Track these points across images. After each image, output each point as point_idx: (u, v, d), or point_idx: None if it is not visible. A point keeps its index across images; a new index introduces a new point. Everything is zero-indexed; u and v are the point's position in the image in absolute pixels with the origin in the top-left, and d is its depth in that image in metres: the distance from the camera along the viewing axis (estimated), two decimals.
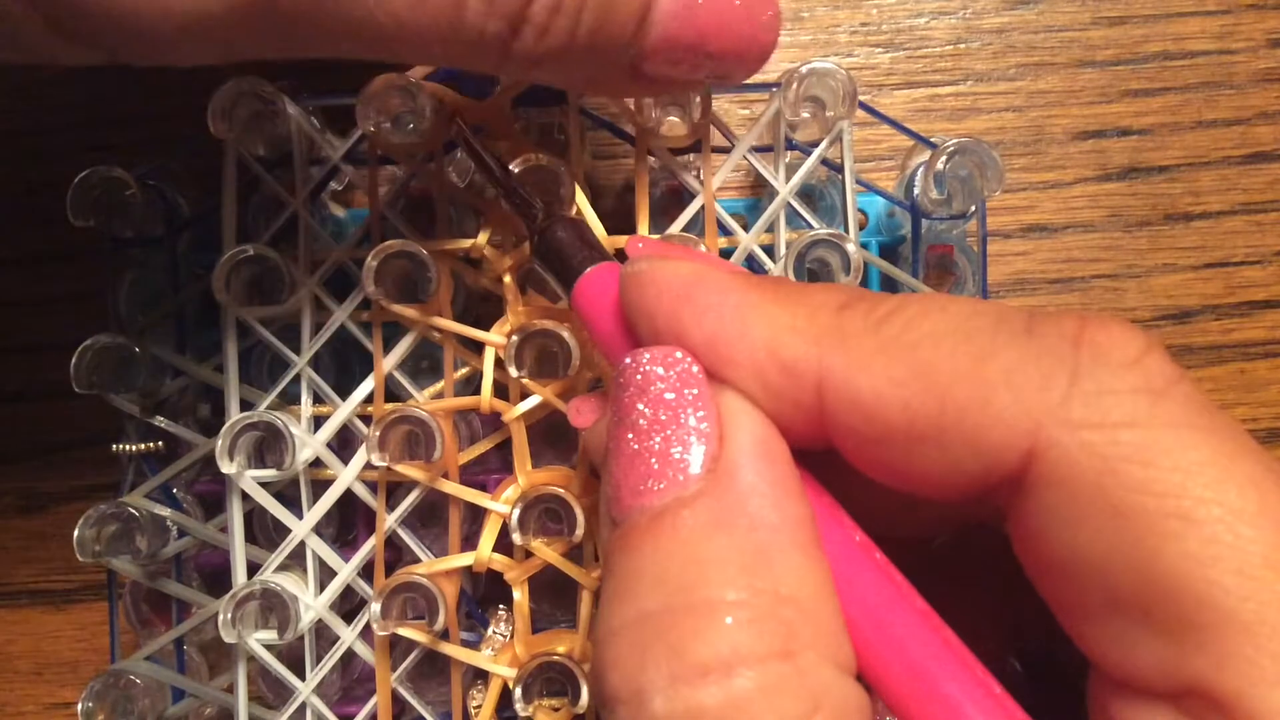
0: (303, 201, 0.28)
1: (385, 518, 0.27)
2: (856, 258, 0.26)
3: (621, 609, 0.16)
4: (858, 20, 0.33)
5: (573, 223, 0.22)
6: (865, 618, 0.17)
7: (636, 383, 0.18)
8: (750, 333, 0.18)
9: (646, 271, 0.19)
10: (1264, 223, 0.33)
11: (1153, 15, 0.33)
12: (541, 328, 0.25)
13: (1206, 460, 0.15)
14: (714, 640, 0.15)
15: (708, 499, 0.17)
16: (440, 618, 0.26)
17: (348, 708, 0.28)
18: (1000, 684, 0.17)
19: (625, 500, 0.17)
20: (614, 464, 0.18)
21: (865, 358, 0.17)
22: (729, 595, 0.16)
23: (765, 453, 0.17)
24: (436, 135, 0.27)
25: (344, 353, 0.30)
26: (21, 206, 0.32)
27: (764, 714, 0.15)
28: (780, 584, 0.16)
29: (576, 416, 0.22)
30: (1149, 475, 0.15)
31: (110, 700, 0.27)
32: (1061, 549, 0.16)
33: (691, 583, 0.16)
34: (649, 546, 0.16)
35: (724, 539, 0.16)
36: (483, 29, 0.21)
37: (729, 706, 0.15)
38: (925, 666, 0.16)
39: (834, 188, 0.29)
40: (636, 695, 0.15)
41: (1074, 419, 0.16)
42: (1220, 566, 0.15)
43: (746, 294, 0.18)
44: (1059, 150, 0.33)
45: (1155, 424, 0.16)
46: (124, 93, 0.27)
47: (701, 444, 0.17)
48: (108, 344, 0.27)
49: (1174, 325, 0.33)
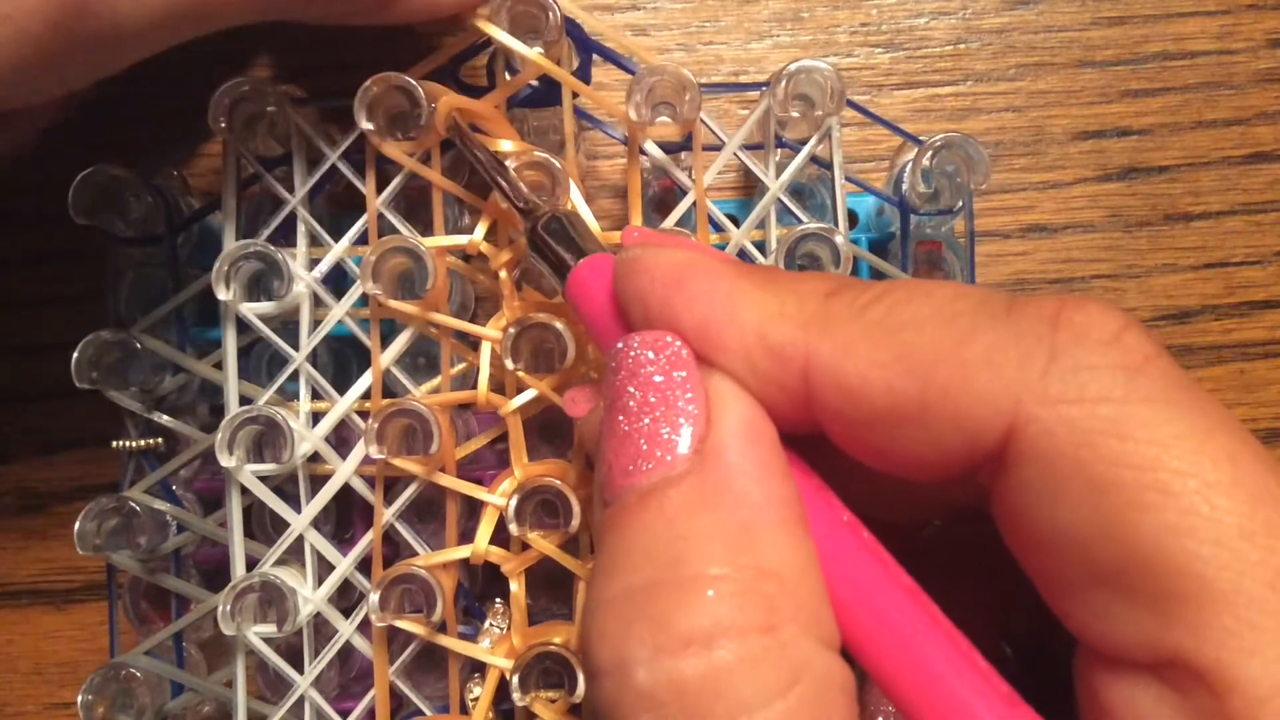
0: (301, 200, 0.28)
1: (383, 511, 0.27)
2: (846, 250, 0.26)
3: (608, 584, 0.17)
4: (858, 20, 0.33)
5: (567, 216, 0.23)
6: (852, 594, 0.17)
7: (628, 366, 0.18)
8: (739, 318, 0.18)
9: (640, 258, 0.19)
10: (1264, 223, 0.33)
11: (1153, 15, 0.33)
12: (537, 322, 0.26)
13: (1183, 433, 0.16)
14: (696, 613, 0.16)
15: (694, 478, 0.17)
16: (438, 610, 0.26)
17: (346, 703, 0.28)
18: (985, 658, 0.17)
19: (616, 480, 0.18)
20: (606, 446, 0.18)
21: (850, 342, 0.18)
22: (712, 570, 0.16)
23: (751, 434, 0.18)
24: (434, 134, 0.27)
25: (342, 349, 0.30)
26: (22, 206, 0.33)
27: (743, 684, 0.15)
28: (763, 560, 0.16)
29: (571, 406, 0.22)
30: (1126, 448, 0.16)
31: (110, 694, 0.27)
32: (1043, 524, 0.17)
33: (676, 558, 0.16)
34: (637, 524, 0.17)
35: (709, 516, 0.17)
36: None
37: (709, 677, 0.15)
38: (911, 642, 0.17)
39: (824, 185, 0.30)
40: (620, 665, 0.16)
41: (1052, 395, 0.16)
42: (1197, 537, 0.15)
43: (737, 281, 0.19)
44: (1059, 150, 0.33)
45: (1132, 399, 0.16)
46: (125, 92, 0.28)
47: (689, 425, 0.18)
48: (108, 339, 0.27)
49: (1174, 325, 0.33)
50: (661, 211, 0.31)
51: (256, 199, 0.29)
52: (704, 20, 0.33)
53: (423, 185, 0.28)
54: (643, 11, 0.33)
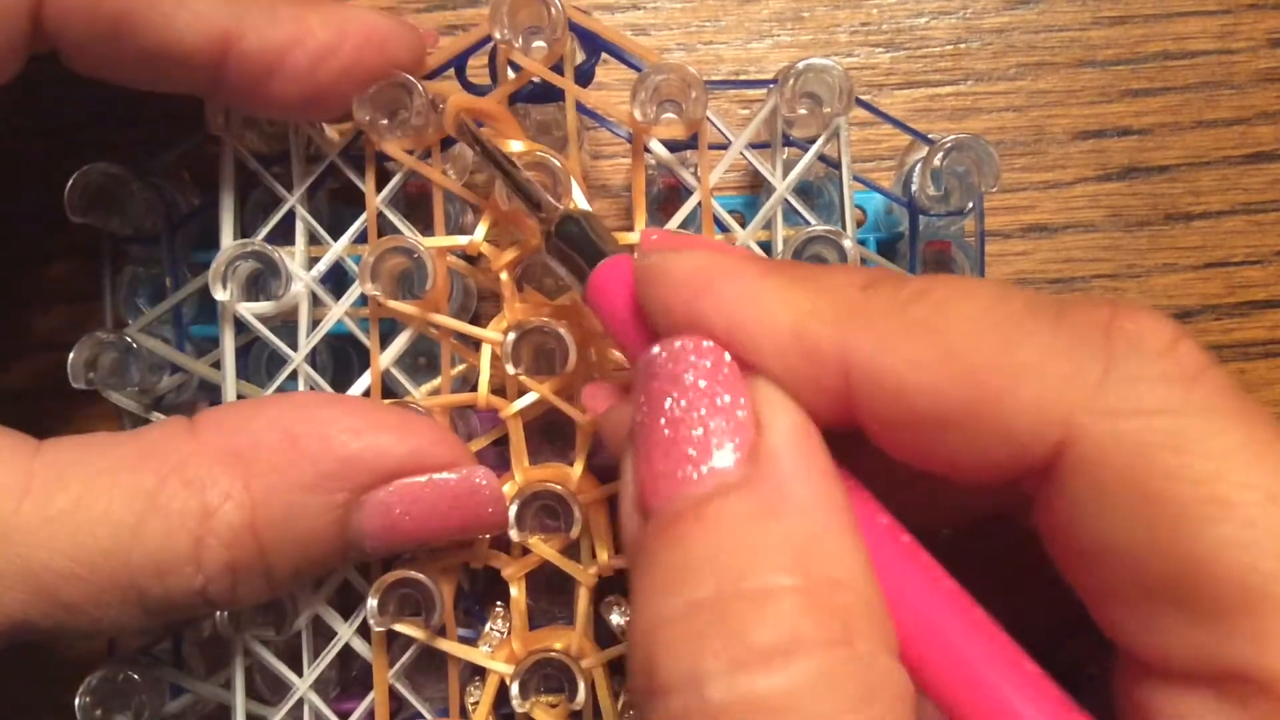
0: (300, 198, 0.28)
1: None
2: (853, 253, 0.26)
3: (670, 598, 0.16)
4: (858, 20, 0.33)
5: (585, 216, 0.22)
6: (899, 600, 0.17)
7: (667, 372, 0.18)
8: (772, 318, 0.18)
9: (660, 264, 0.19)
10: (1264, 223, 0.33)
11: (1153, 15, 0.33)
12: (538, 324, 0.25)
13: (1240, 446, 0.15)
14: (773, 625, 0.15)
15: (752, 486, 0.16)
16: (437, 614, 0.26)
17: (347, 703, 0.28)
18: (1033, 660, 0.17)
19: (663, 490, 0.17)
20: (646, 453, 0.17)
21: (892, 339, 0.17)
22: (784, 581, 0.16)
23: (803, 439, 0.17)
24: (434, 131, 0.27)
25: (343, 347, 0.30)
26: (21, 205, 0.32)
27: (825, 699, 0.15)
28: (833, 570, 0.16)
29: (590, 401, 0.22)
30: (1183, 462, 0.15)
31: (107, 696, 0.27)
32: (1093, 537, 0.16)
33: (744, 569, 0.16)
34: (695, 534, 0.16)
35: (773, 525, 0.16)
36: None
37: (789, 692, 0.15)
38: (960, 647, 0.16)
39: (832, 185, 0.29)
40: (693, 681, 0.15)
41: (1108, 407, 0.16)
42: (1258, 550, 0.15)
43: (764, 280, 0.18)
44: (1059, 150, 0.33)
45: (1189, 411, 0.16)
46: (124, 90, 0.27)
47: (740, 432, 0.17)
48: (104, 340, 0.27)
49: None
50: (666, 211, 0.30)
51: (255, 196, 0.29)
52: (704, 20, 0.33)
53: (423, 183, 0.28)
54: (643, 11, 0.33)
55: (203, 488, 0.23)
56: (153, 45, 0.24)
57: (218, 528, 0.22)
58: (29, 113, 0.32)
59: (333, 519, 0.23)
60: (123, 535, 0.22)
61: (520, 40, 0.26)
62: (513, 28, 0.26)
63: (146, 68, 0.24)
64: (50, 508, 0.22)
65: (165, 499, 0.22)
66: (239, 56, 0.24)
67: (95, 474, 0.23)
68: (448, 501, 0.24)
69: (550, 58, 0.26)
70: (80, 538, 0.22)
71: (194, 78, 0.25)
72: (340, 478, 0.23)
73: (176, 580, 0.22)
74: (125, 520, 0.22)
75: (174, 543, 0.22)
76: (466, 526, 0.25)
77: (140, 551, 0.22)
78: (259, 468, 0.23)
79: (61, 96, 0.32)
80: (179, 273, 0.28)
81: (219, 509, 0.22)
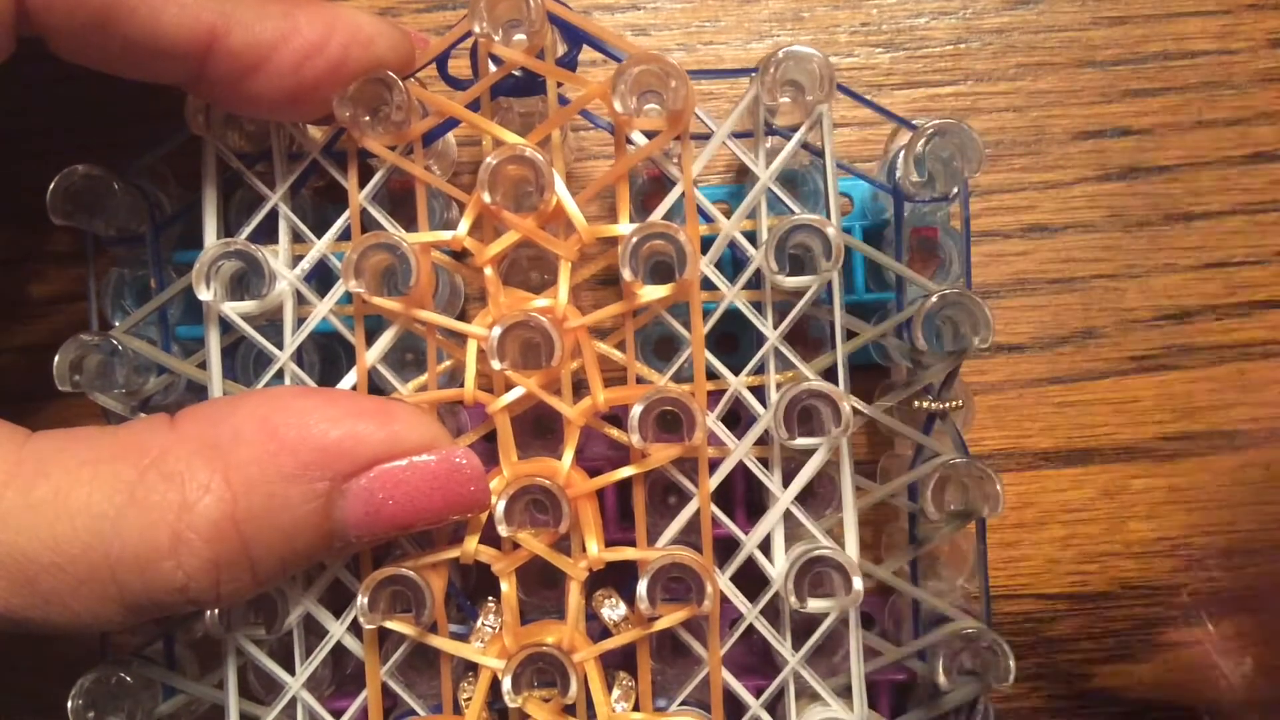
0: (283, 196, 0.27)
1: None
2: (837, 242, 0.26)
3: None
4: (858, 20, 0.33)
5: None
6: None
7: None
8: None
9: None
10: (1264, 223, 0.33)
11: (1153, 15, 0.33)
12: (523, 318, 0.25)
13: None
14: None
15: None
16: (428, 610, 0.26)
17: (340, 702, 0.28)
18: None
19: None
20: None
21: None
22: None
23: None
24: (415, 127, 0.26)
25: (330, 344, 0.30)
26: (12, 207, 0.32)
27: None
28: None
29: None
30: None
31: (100, 698, 0.27)
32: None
33: None
34: None
35: None
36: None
37: None
38: None
39: (816, 172, 0.29)
40: None
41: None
42: None
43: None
44: (1059, 150, 0.33)
45: None
46: (110, 92, 0.27)
47: None
48: (89, 342, 0.27)
49: (1174, 325, 0.33)
50: (650, 200, 0.30)
51: (239, 195, 0.29)
52: (704, 20, 0.33)
53: (407, 179, 0.27)
54: (643, 11, 0.33)
55: (182, 481, 0.23)
56: (139, 36, 0.24)
57: (197, 522, 0.22)
58: (9, 113, 0.32)
59: (315, 508, 0.23)
60: (102, 527, 0.22)
61: (500, 34, 0.26)
62: (492, 21, 0.26)
63: (132, 58, 0.24)
64: (31, 495, 0.22)
65: (144, 491, 0.22)
66: (225, 51, 0.24)
67: (77, 465, 0.23)
68: (429, 483, 0.24)
69: (531, 50, 0.26)
70: (59, 527, 0.22)
71: (179, 70, 0.25)
72: (321, 466, 0.23)
73: (156, 575, 0.22)
74: (105, 512, 0.22)
75: (152, 536, 0.22)
76: (450, 507, 0.25)
77: (119, 544, 0.22)
78: (238, 459, 0.23)
79: (51, 98, 0.32)
80: (163, 273, 0.28)
81: (198, 502, 0.22)
